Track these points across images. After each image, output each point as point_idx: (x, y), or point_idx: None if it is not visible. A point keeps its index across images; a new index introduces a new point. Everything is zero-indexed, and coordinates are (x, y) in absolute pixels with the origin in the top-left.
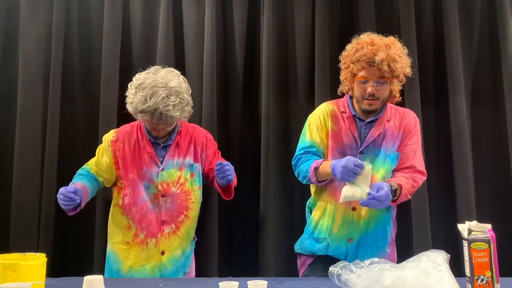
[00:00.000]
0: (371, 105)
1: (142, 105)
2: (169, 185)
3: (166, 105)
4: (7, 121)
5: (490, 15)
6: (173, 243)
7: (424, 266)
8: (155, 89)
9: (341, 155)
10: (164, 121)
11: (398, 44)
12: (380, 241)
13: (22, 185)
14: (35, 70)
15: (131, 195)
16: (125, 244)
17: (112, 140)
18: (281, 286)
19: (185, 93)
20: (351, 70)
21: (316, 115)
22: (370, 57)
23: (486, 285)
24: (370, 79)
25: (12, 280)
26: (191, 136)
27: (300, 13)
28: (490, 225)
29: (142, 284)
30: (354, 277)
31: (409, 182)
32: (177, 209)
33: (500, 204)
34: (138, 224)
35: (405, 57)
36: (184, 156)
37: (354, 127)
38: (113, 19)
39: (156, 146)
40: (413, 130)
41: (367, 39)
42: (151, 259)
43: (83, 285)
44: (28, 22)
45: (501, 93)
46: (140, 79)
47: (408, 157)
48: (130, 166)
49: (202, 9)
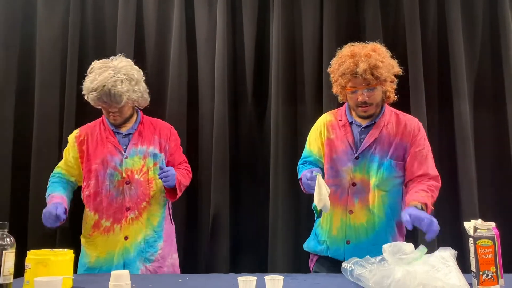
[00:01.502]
0: (366, 111)
1: (91, 83)
2: (133, 173)
3: (114, 81)
4: (25, 120)
5: (492, 23)
6: (135, 228)
7: (433, 261)
8: (104, 69)
9: (336, 162)
10: (114, 99)
11: (380, 49)
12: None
13: (39, 183)
14: (52, 71)
15: (95, 184)
16: (88, 237)
17: (76, 136)
18: (295, 281)
19: (135, 74)
20: (339, 84)
21: (315, 126)
22: (353, 69)
23: (491, 280)
24: (359, 88)
25: (43, 274)
26: (154, 127)
27: (308, 19)
28: (494, 224)
29: (162, 279)
30: (366, 272)
31: (430, 196)
32: (140, 195)
33: (502, 203)
34: (104, 212)
35: (389, 60)
36: (148, 145)
37: (350, 133)
38: (126, 23)
39: (119, 136)
40: (417, 137)
41: (347, 52)
42: (116, 245)
43: (111, 279)
44: (45, 26)
45: (502, 97)
46: (92, 64)
47: (421, 164)
48: (93, 157)
49: (213, 15)
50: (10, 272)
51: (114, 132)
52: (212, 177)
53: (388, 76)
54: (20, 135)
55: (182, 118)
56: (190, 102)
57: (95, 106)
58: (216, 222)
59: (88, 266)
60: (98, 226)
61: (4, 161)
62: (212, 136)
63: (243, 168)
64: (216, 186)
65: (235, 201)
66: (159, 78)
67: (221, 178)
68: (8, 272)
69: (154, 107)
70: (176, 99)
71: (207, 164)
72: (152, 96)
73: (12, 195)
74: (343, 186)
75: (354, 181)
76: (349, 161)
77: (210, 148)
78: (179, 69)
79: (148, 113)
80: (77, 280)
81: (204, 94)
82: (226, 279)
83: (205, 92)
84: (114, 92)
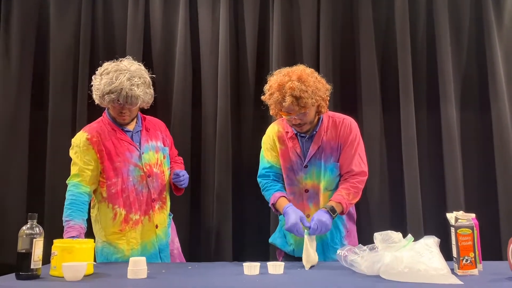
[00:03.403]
0: (302, 130)
1: (109, 86)
2: (151, 167)
3: (131, 85)
4: (39, 125)
5: (478, 30)
6: (162, 216)
7: (418, 248)
8: (119, 72)
9: (290, 171)
10: (130, 101)
11: (304, 75)
12: (336, 238)
13: (55, 185)
14: (65, 77)
15: (120, 182)
16: (119, 233)
17: (88, 138)
18: (294, 267)
19: (147, 77)
20: (273, 109)
21: (267, 136)
22: (281, 102)
23: (470, 265)
24: (290, 115)
25: (68, 260)
26: (154, 123)
27: (306, 23)
28: (474, 215)
29: (173, 266)
30: (359, 258)
31: (350, 192)
32: (160, 186)
33: (486, 199)
34: (132, 207)
35: (315, 85)
36: (156, 140)
37: (297, 145)
38: (135, 29)
39: (129, 134)
40: (349, 138)
41: (275, 84)
42: (148, 235)
43: (129, 265)
44: (57, 33)
45: (487, 100)
46: (104, 67)
47: (348, 163)
48: (114, 155)
49: (216, 19)
50: (39, 258)
51: (123, 130)
52: (215, 174)
53: (314, 102)
54: (35, 138)
55: (186, 118)
56: (194, 103)
57: (105, 106)
58: (220, 221)
59: (121, 261)
60: (127, 220)
61: (21, 163)
62: (215, 136)
63: (246, 166)
64: (219, 183)
65: (237, 197)
66: (165, 79)
67: (224, 176)
68: (38, 258)
69: (160, 107)
70: (180, 99)
71: (210, 162)
72: (158, 97)
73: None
74: (298, 193)
75: (306, 188)
76: (300, 170)
77: (213, 148)
78: (184, 71)
79: (154, 113)
80: (97, 266)
81: (208, 95)
82: (232, 266)
83: (209, 93)
84: (132, 95)
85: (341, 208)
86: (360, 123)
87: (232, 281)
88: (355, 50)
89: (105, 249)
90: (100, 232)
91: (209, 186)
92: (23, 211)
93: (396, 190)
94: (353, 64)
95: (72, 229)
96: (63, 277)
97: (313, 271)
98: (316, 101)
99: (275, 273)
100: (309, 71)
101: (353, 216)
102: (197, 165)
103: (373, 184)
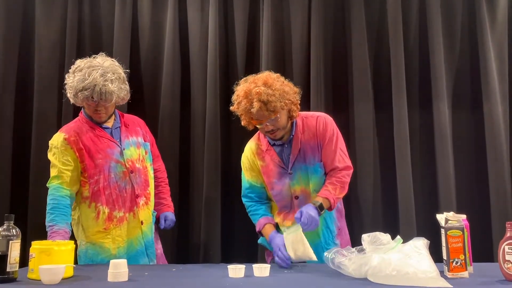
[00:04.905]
0: (276, 136)
1: (82, 83)
2: (134, 162)
3: (104, 80)
4: (24, 122)
5: (470, 27)
6: (147, 212)
7: (406, 250)
8: (92, 68)
9: (275, 184)
10: (104, 97)
11: (270, 79)
12: (329, 239)
13: (39, 182)
14: (50, 75)
15: (102, 179)
16: (103, 232)
17: (66, 138)
18: (281, 270)
19: (122, 72)
20: (245, 119)
21: (245, 156)
22: (249, 109)
23: (460, 267)
24: (262, 122)
25: (46, 262)
26: (132, 120)
27: (296, 20)
28: (465, 216)
29: (157, 268)
30: (346, 260)
31: (336, 187)
32: (144, 182)
33: (477, 198)
34: (115, 204)
35: (282, 88)
36: (136, 136)
37: (275, 155)
38: (123, 26)
39: (108, 131)
40: (327, 135)
41: (242, 92)
42: (134, 232)
43: (110, 267)
44: (43, 30)
45: (479, 98)
46: (76, 64)
47: (331, 160)
48: (95, 153)
49: (206, 16)
50: (16, 261)
51: (102, 127)
52: (204, 173)
53: (284, 103)
54: (20, 136)
55: (175, 116)
56: (183, 101)
57: (80, 104)
58: (208, 220)
59: (107, 260)
60: (111, 218)
61: (5, 159)
62: (204, 134)
63: (235, 166)
64: (208, 183)
65: (226, 197)
66: (153, 77)
67: (213, 175)
68: (14, 260)
69: (148, 105)
70: (169, 97)
71: (199, 161)
72: (146, 95)
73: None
74: (288, 203)
75: (296, 195)
76: (286, 179)
77: (202, 146)
78: (172, 69)
79: (142, 112)
80: (77, 268)
81: (197, 93)
82: (218, 268)
83: (198, 91)
84: (105, 91)
85: (329, 203)
86: (352, 121)
87: (216, 284)
88: (347, 47)
89: (90, 251)
90: (82, 234)
91: (198, 186)
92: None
93: (388, 189)
94: (345, 61)
95: (56, 234)
96: (40, 280)
97: (299, 274)
98: (286, 105)
99: (260, 276)
100: (275, 75)
101: (342, 211)
102: (185, 165)
103: (365, 183)
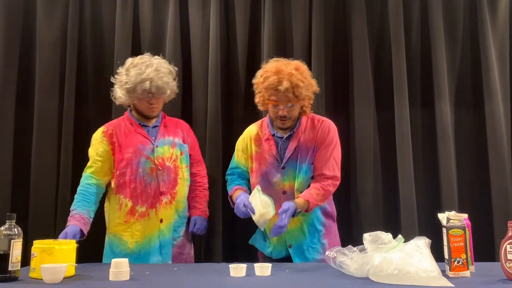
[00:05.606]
0: (284, 124)
1: (140, 76)
2: (164, 160)
3: (159, 73)
4: (25, 122)
5: (472, 28)
6: (169, 211)
7: (408, 249)
8: (146, 64)
9: (267, 174)
10: (161, 90)
11: (302, 67)
12: (315, 238)
13: (40, 182)
14: (51, 74)
15: (129, 173)
16: (124, 224)
17: (104, 131)
18: (282, 269)
19: (170, 68)
20: (262, 95)
21: (242, 138)
22: (276, 86)
23: (461, 266)
24: (280, 104)
25: (48, 261)
26: (176, 123)
27: (298, 20)
28: (466, 215)
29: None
30: (348, 259)
31: (319, 193)
32: (171, 181)
33: (479, 197)
34: (139, 198)
35: (309, 80)
36: (173, 136)
37: (274, 146)
38: (124, 25)
39: (146, 128)
40: (326, 141)
41: (272, 68)
42: (152, 228)
43: (111, 266)
44: (44, 29)
45: (481, 98)
46: (129, 62)
47: (322, 165)
48: (125, 147)
49: (207, 15)
50: (17, 260)
51: (141, 125)
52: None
53: (306, 95)
54: (21, 136)
55: (176, 116)
56: (184, 100)
57: (132, 101)
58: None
59: (124, 253)
60: (133, 212)
61: (6, 158)
62: (206, 133)
63: None
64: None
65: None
66: None
67: (214, 175)
68: (16, 259)
69: None
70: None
71: None
72: None
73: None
74: (275, 195)
75: (284, 190)
76: (278, 172)
77: (203, 145)
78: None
79: None
80: (79, 267)
81: (198, 91)
82: (219, 267)
83: (199, 89)
84: (162, 84)
85: (307, 206)
86: (353, 121)
87: (217, 283)
88: (348, 46)
89: (111, 241)
90: (108, 224)
91: None
92: (7, 211)
93: (390, 188)
94: (346, 61)
95: (73, 218)
96: (42, 279)
97: (300, 273)
98: (307, 97)
99: (262, 275)
100: (306, 67)
101: (331, 213)
102: None
103: (367, 183)
